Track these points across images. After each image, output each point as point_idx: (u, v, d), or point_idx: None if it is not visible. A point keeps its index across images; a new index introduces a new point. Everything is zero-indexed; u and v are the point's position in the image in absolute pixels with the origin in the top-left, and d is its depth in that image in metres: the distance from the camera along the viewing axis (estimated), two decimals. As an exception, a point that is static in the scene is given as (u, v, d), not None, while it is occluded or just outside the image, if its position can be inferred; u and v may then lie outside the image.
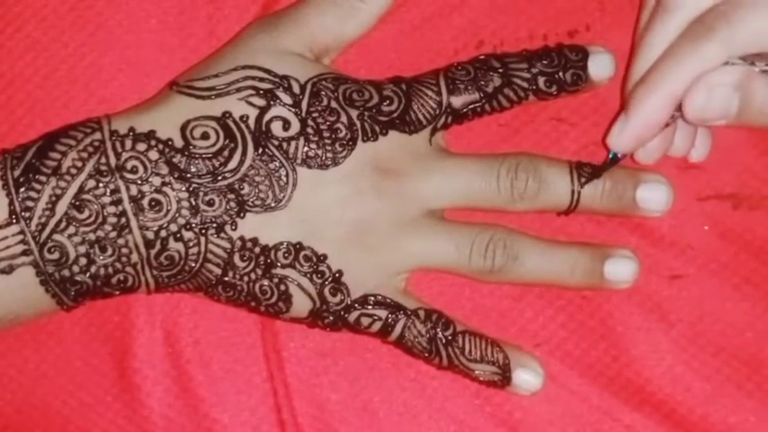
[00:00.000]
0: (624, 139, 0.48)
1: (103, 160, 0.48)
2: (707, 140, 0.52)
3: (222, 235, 0.49)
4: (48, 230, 0.48)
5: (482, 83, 0.51)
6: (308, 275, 0.49)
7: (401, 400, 0.53)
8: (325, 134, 0.49)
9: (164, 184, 0.48)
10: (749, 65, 0.46)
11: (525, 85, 0.51)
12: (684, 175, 0.53)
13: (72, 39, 0.54)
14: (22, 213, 0.47)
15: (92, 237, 0.48)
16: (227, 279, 0.49)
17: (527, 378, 0.51)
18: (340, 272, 0.50)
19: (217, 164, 0.48)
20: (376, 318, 0.50)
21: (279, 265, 0.49)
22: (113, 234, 0.48)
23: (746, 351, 0.52)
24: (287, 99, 0.49)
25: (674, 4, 0.47)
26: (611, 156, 0.50)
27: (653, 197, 0.51)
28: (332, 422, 0.53)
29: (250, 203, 0.49)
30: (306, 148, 0.49)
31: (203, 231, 0.49)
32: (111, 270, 0.48)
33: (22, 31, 0.54)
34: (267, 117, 0.49)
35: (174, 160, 0.48)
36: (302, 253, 0.49)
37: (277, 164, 0.49)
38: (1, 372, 0.54)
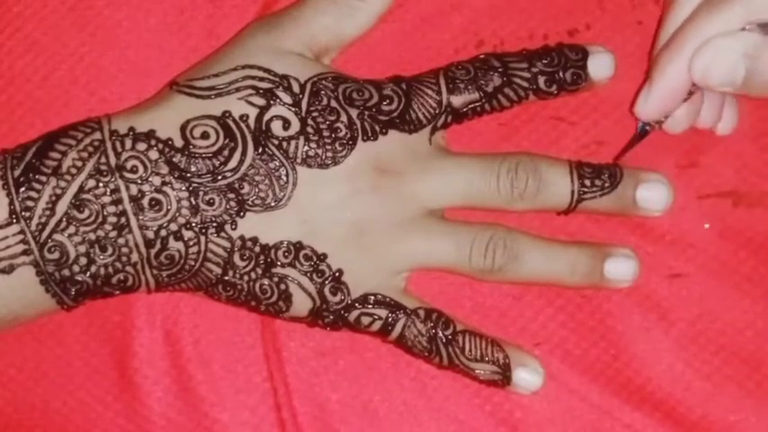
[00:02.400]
0: (650, 106, 0.49)
1: (103, 160, 0.48)
2: (734, 113, 0.52)
3: (222, 234, 0.49)
4: (48, 230, 0.48)
5: (482, 82, 0.51)
6: (308, 274, 0.49)
7: (401, 399, 0.53)
8: (325, 133, 0.49)
9: (164, 183, 0.48)
10: (765, 35, 0.46)
11: (525, 84, 0.51)
12: (684, 173, 0.53)
13: (72, 39, 0.54)
14: (23, 213, 0.47)
15: (92, 236, 0.48)
16: (227, 278, 0.49)
17: (527, 377, 0.51)
18: (340, 271, 0.50)
19: (217, 163, 0.48)
20: (376, 317, 0.50)
21: (279, 264, 0.49)
22: (113, 233, 0.48)
23: (746, 350, 0.52)
24: (287, 98, 0.49)
25: None
26: (639, 128, 0.50)
27: (653, 196, 0.51)
28: (332, 421, 0.53)
29: (250, 203, 0.49)
30: (306, 148, 0.49)
31: (203, 231, 0.49)
32: (111, 269, 0.49)
33: (22, 31, 0.54)
34: (267, 116, 0.49)
35: (174, 160, 0.48)
36: (302, 252, 0.49)
37: (277, 163, 0.49)
38: (1, 371, 0.54)
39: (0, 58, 0.54)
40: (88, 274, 0.48)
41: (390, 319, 0.50)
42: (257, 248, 0.49)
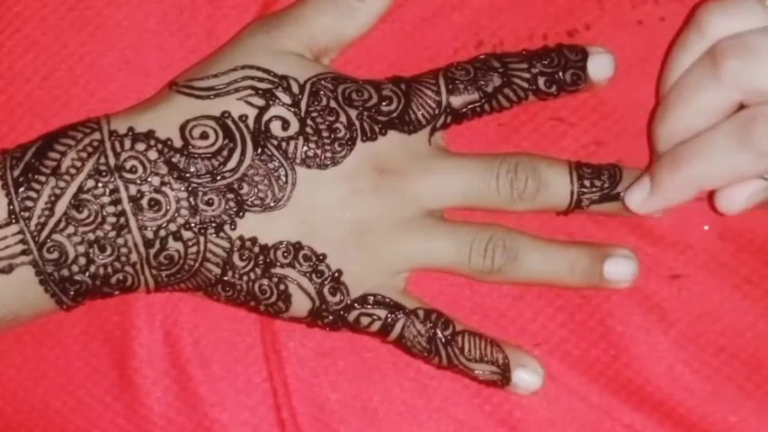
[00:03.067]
0: (645, 207, 0.50)
1: (103, 160, 0.48)
2: None
3: (221, 234, 0.49)
4: (47, 230, 0.48)
5: (482, 83, 0.51)
6: (308, 275, 0.49)
7: (401, 399, 0.53)
8: (325, 134, 0.49)
9: (163, 183, 0.48)
10: None
11: (525, 84, 0.51)
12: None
13: (72, 39, 0.54)
14: (22, 213, 0.47)
15: (91, 236, 0.48)
16: (226, 278, 0.49)
17: (526, 377, 0.51)
18: (339, 271, 0.50)
19: (216, 163, 0.48)
20: (375, 317, 0.50)
21: (278, 264, 0.49)
22: (112, 234, 0.48)
23: (746, 351, 0.52)
24: (286, 99, 0.49)
25: (707, 27, 0.47)
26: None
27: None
28: (331, 422, 0.53)
29: (249, 203, 0.49)
30: (305, 148, 0.49)
31: (202, 231, 0.49)
32: (110, 269, 0.49)
33: (21, 31, 0.54)
34: (266, 117, 0.49)
35: (174, 160, 0.48)
36: (301, 252, 0.49)
37: (276, 163, 0.49)
38: (1, 371, 0.54)
39: (0, 58, 0.54)
40: (87, 274, 0.48)
41: (390, 320, 0.50)
42: (256, 249, 0.49)
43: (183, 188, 0.48)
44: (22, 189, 0.48)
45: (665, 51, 0.51)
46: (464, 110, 0.51)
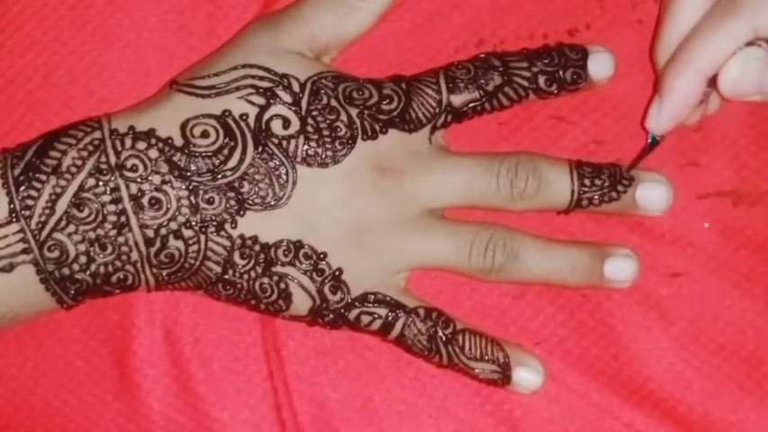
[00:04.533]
0: (663, 120, 0.49)
1: (103, 159, 0.48)
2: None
3: (222, 233, 0.49)
4: (48, 229, 0.48)
5: (482, 81, 0.51)
6: (308, 273, 0.49)
7: (401, 398, 0.53)
8: (325, 132, 0.49)
9: (164, 182, 0.48)
10: None
11: (525, 83, 0.51)
12: (684, 172, 0.53)
13: (72, 38, 0.54)
14: (22, 212, 0.47)
15: (92, 235, 0.48)
16: (227, 277, 0.49)
17: (527, 376, 0.51)
18: (340, 270, 0.50)
19: (217, 162, 0.48)
20: (376, 316, 0.50)
21: (279, 263, 0.49)
22: (113, 232, 0.48)
23: (746, 348, 0.52)
24: (287, 97, 0.49)
25: None
26: (650, 139, 0.50)
27: (653, 196, 0.51)
28: (332, 421, 0.53)
29: (250, 202, 0.49)
30: (306, 147, 0.49)
31: (203, 229, 0.49)
32: (110, 268, 0.49)
33: (22, 31, 0.54)
34: (267, 115, 0.49)
35: (174, 159, 0.48)
36: (302, 251, 0.49)
37: (277, 162, 0.49)
38: (1, 371, 0.54)
39: (0, 58, 0.54)
40: (88, 272, 0.48)
41: (390, 318, 0.50)
42: (257, 247, 0.49)
43: (183, 187, 0.48)
44: (22, 188, 0.48)
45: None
46: (464, 109, 0.51)
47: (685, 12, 0.48)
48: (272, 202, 0.49)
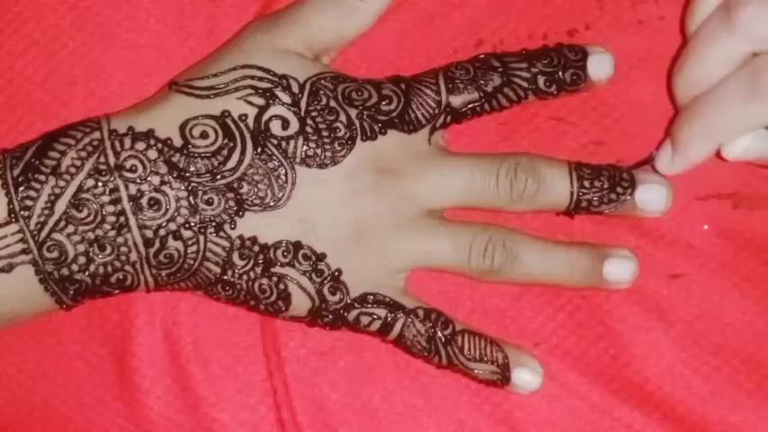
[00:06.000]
0: (673, 168, 0.50)
1: (102, 159, 0.48)
2: None
3: (221, 234, 0.49)
4: (47, 229, 0.48)
5: (481, 82, 0.51)
6: (307, 274, 0.49)
7: (401, 399, 0.53)
8: (324, 133, 0.49)
9: (163, 183, 0.48)
10: None
11: (525, 84, 0.51)
12: (684, 174, 0.52)
13: (72, 38, 0.54)
14: (21, 212, 0.47)
15: (91, 235, 0.48)
16: (226, 278, 0.49)
17: (526, 377, 0.51)
18: (339, 270, 0.50)
19: (216, 163, 0.48)
20: (375, 316, 0.50)
21: (278, 263, 0.49)
22: (112, 233, 0.48)
23: (746, 350, 0.52)
24: (286, 98, 0.49)
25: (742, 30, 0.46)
26: (653, 155, 0.51)
27: (652, 198, 0.51)
28: (331, 421, 0.53)
29: (249, 202, 0.49)
30: (305, 147, 0.49)
31: (202, 230, 0.49)
32: (110, 269, 0.49)
33: (21, 31, 0.54)
34: (266, 116, 0.49)
35: (173, 159, 0.48)
36: (301, 252, 0.49)
37: (276, 163, 0.49)
38: (1, 371, 0.54)
39: (0, 58, 0.54)
40: (87, 273, 0.48)
41: (389, 319, 0.50)
42: (256, 248, 0.49)
43: (182, 187, 0.48)
44: (21, 188, 0.48)
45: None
46: (464, 109, 0.51)
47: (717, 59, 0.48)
48: (272, 203, 0.49)
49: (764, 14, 0.45)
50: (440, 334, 0.50)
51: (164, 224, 0.48)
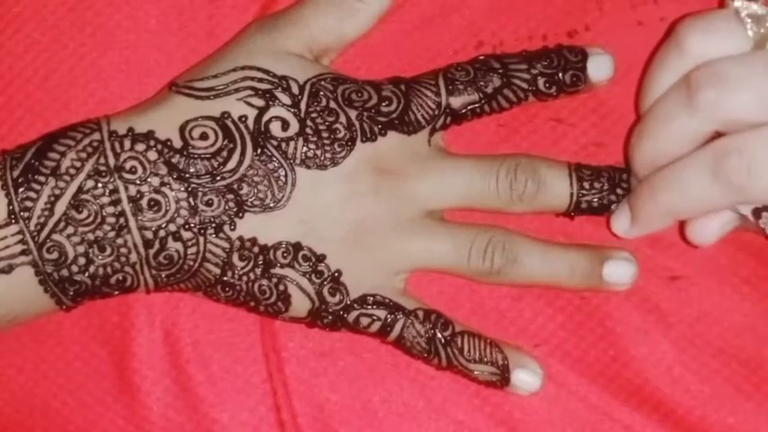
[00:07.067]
0: (631, 235, 0.50)
1: (102, 161, 0.48)
2: None
3: (221, 235, 0.49)
4: (46, 230, 0.48)
5: (481, 83, 0.51)
6: (307, 275, 0.49)
7: (401, 400, 0.53)
8: (324, 134, 0.49)
9: (162, 184, 0.48)
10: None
11: (525, 85, 0.51)
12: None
13: (72, 39, 0.54)
14: (21, 213, 0.47)
15: (90, 237, 0.48)
16: (225, 279, 0.49)
17: (526, 378, 0.51)
18: (339, 272, 0.50)
19: (215, 164, 0.48)
20: (375, 318, 0.50)
21: (278, 264, 0.49)
22: (112, 234, 0.48)
23: (746, 352, 0.52)
24: (286, 99, 0.49)
25: (687, 46, 0.47)
26: None
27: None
28: (331, 422, 0.53)
29: (249, 203, 0.49)
30: (305, 149, 0.49)
31: (202, 231, 0.49)
32: (109, 270, 0.49)
33: (21, 32, 0.54)
34: (266, 117, 0.49)
35: (173, 160, 0.48)
36: (301, 253, 0.49)
37: (276, 164, 0.49)
38: (1, 371, 0.54)
39: (0, 58, 0.54)
40: (87, 274, 0.48)
41: (389, 320, 0.50)
42: (256, 249, 0.49)
43: (182, 189, 0.48)
44: (21, 189, 0.48)
45: (644, 65, 0.51)
46: (464, 111, 0.51)
47: (667, 81, 0.48)
48: (271, 204, 0.49)
49: (726, 96, 0.45)
50: (439, 335, 0.50)
51: (163, 225, 0.48)
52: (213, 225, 0.49)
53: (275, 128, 0.49)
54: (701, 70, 0.46)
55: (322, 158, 0.49)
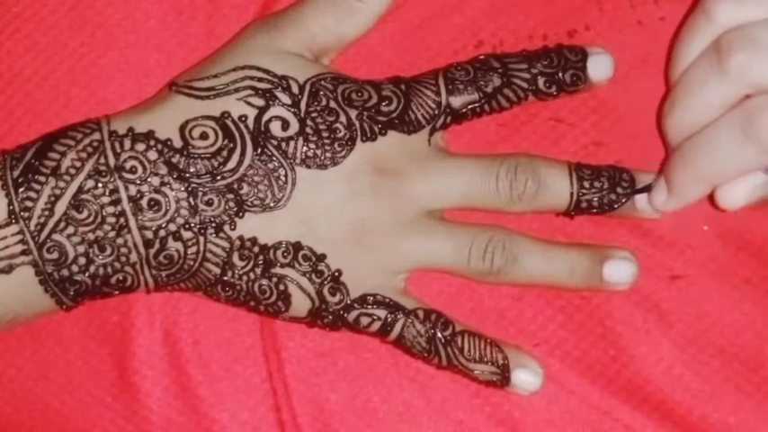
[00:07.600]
0: (669, 207, 0.50)
1: (102, 160, 0.48)
2: None
3: (221, 234, 0.49)
4: (47, 230, 0.48)
5: (481, 83, 0.51)
6: (307, 275, 0.49)
7: (400, 399, 0.53)
8: (324, 134, 0.49)
9: (163, 183, 0.48)
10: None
11: (525, 85, 0.51)
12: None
13: (72, 39, 0.54)
14: (21, 213, 0.47)
15: (91, 236, 0.48)
16: (226, 278, 0.49)
17: (526, 378, 0.51)
18: (339, 271, 0.50)
19: (216, 164, 0.48)
20: (375, 317, 0.50)
21: (278, 264, 0.49)
22: (112, 234, 0.48)
23: (746, 351, 0.52)
24: (286, 99, 0.49)
25: (715, 15, 0.47)
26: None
27: (652, 198, 0.51)
28: (331, 422, 0.53)
29: (249, 203, 0.49)
30: (305, 148, 0.49)
31: (202, 231, 0.49)
32: (109, 269, 0.49)
33: (21, 31, 0.54)
34: (266, 117, 0.49)
35: (173, 160, 0.48)
36: (301, 252, 0.49)
37: (276, 164, 0.49)
38: (1, 371, 0.54)
39: (0, 58, 0.54)
40: (87, 274, 0.48)
41: (389, 320, 0.50)
42: (256, 249, 0.49)
43: (182, 188, 0.48)
44: (21, 189, 0.48)
45: (671, 41, 0.51)
46: (464, 110, 0.51)
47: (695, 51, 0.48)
48: (271, 204, 0.49)
49: (757, 59, 0.45)
50: (440, 335, 0.50)
51: (164, 225, 0.48)
52: (213, 225, 0.49)
53: (275, 127, 0.49)
54: (732, 33, 0.46)
55: (322, 158, 0.49)
